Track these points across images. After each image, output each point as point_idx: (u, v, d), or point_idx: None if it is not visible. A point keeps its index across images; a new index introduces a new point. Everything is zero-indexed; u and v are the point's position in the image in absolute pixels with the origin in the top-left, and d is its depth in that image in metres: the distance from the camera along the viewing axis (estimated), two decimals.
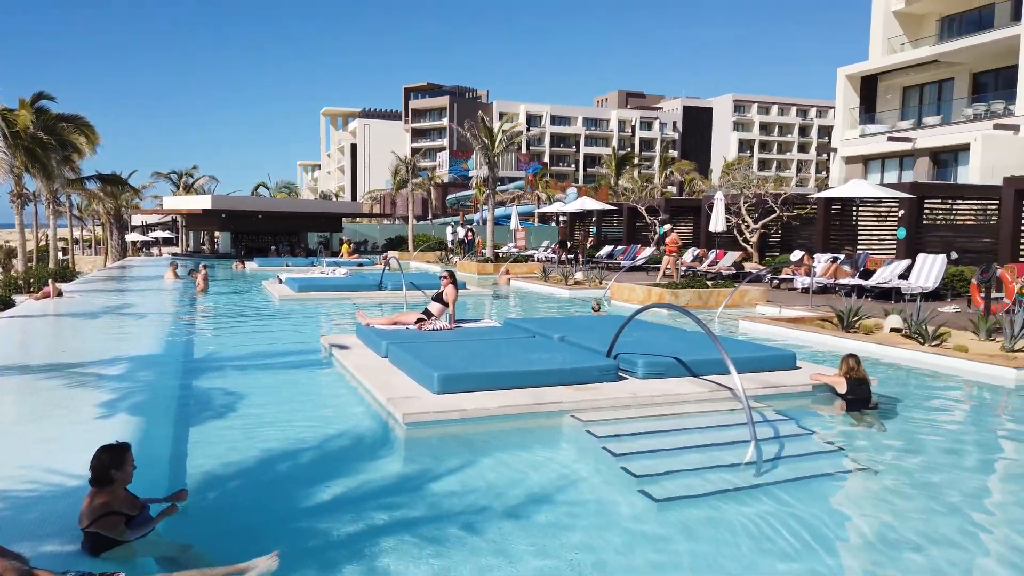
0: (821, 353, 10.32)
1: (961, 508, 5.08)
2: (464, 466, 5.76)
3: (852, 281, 17.13)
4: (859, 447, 6.43)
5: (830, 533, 4.68)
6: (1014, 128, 27.31)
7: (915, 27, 33.86)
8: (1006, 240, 16.11)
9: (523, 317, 13.75)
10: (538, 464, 5.87)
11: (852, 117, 35.26)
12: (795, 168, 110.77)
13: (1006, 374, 8.56)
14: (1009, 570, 4.22)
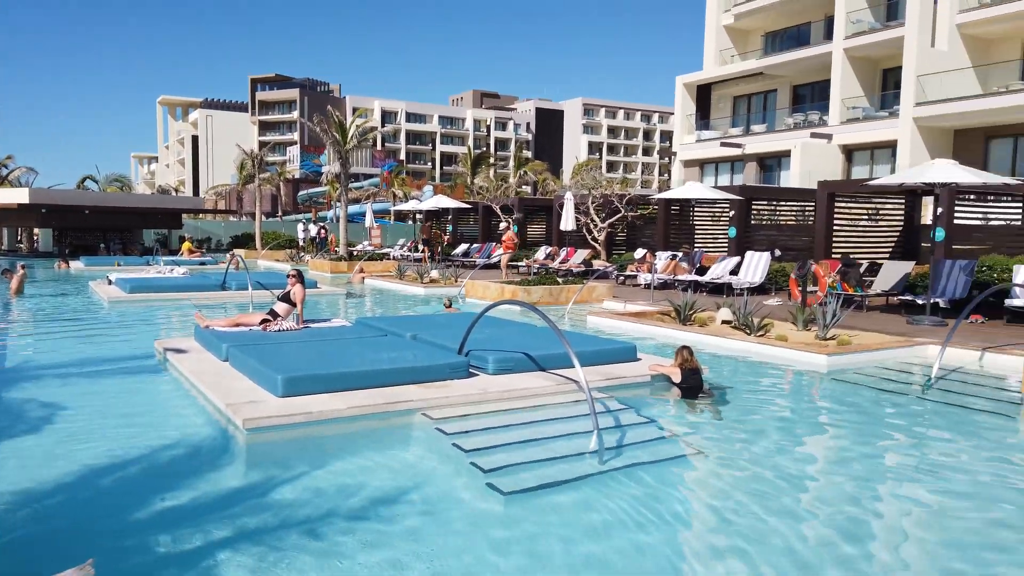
0: (661, 345, 10.92)
1: (784, 484, 5.56)
2: (310, 471, 5.60)
3: (689, 277, 18.25)
4: (692, 432, 6.86)
5: (668, 514, 4.96)
6: (827, 137, 30.21)
7: (743, 41, 36.62)
8: (820, 238, 17.78)
9: (376, 316, 13.54)
10: (387, 464, 5.81)
11: (689, 123, 37.59)
12: (640, 170, 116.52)
13: (819, 360, 9.44)
14: (827, 542, 4.66)
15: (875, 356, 9.82)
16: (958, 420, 7.37)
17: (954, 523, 4.94)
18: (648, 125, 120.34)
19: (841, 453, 6.69)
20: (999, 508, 5.17)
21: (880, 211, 19.64)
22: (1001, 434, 7.05)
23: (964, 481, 5.75)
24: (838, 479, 5.88)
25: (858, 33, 29.35)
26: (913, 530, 4.92)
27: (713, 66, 36.39)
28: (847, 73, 29.88)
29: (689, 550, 4.54)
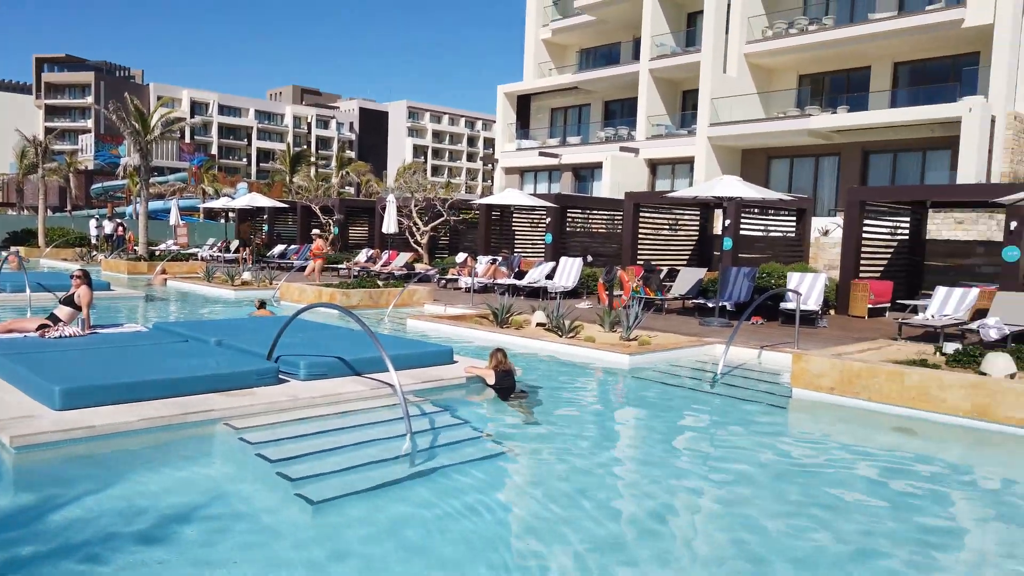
0: (479, 347, 11.12)
1: (590, 478, 5.86)
2: (94, 491, 5.10)
3: (508, 281, 18.76)
4: (505, 432, 7.05)
5: (479, 512, 5.06)
6: (635, 151, 32.33)
7: (560, 55, 38.29)
8: (626, 246, 19.00)
9: (177, 321, 12.63)
10: (183, 480, 5.44)
11: (510, 132, 38.67)
12: (464, 175, 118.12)
13: (622, 360, 10.07)
14: (629, 530, 4.96)
15: (671, 355, 10.64)
16: (739, 412, 8.17)
17: (741, 505, 5.47)
18: (472, 131, 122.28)
19: (641, 446, 7.19)
20: (776, 488, 5.80)
21: (679, 221, 21.33)
22: (773, 424, 7.91)
23: (745, 465, 6.38)
24: (639, 470, 6.31)
25: (661, 56, 31.70)
26: (707, 514, 5.38)
27: (532, 78, 37.72)
28: (652, 92, 32.16)
29: (500, 548, 4.66)
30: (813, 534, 4.88)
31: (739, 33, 29.25)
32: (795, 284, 14.37)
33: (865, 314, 14.95)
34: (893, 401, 7.65)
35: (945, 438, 7.17)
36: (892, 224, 17.08)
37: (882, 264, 16.71)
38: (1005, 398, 6.95)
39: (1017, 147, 23.63)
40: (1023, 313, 11.56)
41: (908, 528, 5.05)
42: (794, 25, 28.51)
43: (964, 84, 25.00)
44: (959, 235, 18.97)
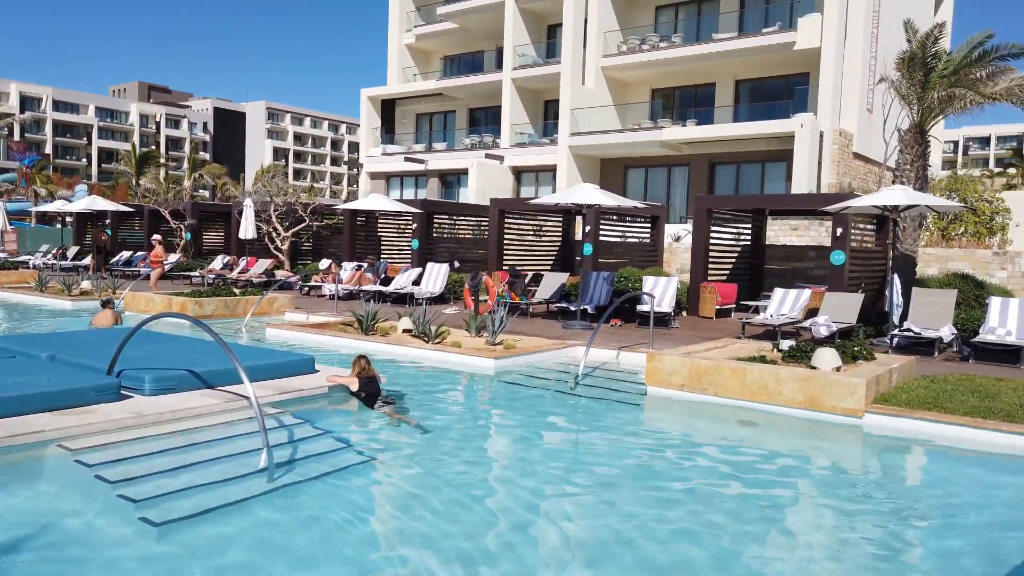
0: (343, 355, 10.88)
1: (457, 482, 5.87)
2: None
3: (374, 287, 18.48)
4: (370, 440, 6.94)
5: (342, 523, 4.95)
6: (500, 158, 32.81)
7: (424, 61, 38.26)
8: (492, 251, 19.25)
9: (2, 335, 11.51)
10: (8, 509, 4.96)
11: (375, 136, 38.17)
12: (329, 180, 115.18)
13: (488, 364, 10.18)
14: (495, 533, 5.01)
15: (535, 358, 10.88)
16: (599, 411, 8.48)
17: (604, 499, 5.67)
18: (336, 135, 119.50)
19: (506, 448, 7.30)
20: (634, 481, 6.06)
21: (543, 228, 21.86)
22: (630, 420, 8.27)
23: (605, 461, 6.63)
24: (505, 472, 6.41)
25: (524, 66, 32.40)
26: (571, 510, 5.54)
27: (397, 83, 37.43)
28: (515, 101, 32.79)
29: (365, 560, 4.58)
30: (670, 522, 5.15)
31: (596, 47, 30.42)
32: (650, 287, 15.10)
33: (713, 315, 15.95)
34: (736, 395, 8.22)
35: (782, 427, 7.78)
36: (736, 230, 18.33)
37: (728, 268, 17.89)
38: (831, 388, 7.65)
39: (842, 160, 26.06)
40: (848, 311, 12.76)
41: (750, 508, 5.44)
42: (646, 41, 30.01)
43: (797, 102, 27.28)
44: (794, 240, 20.66)
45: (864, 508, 5.64)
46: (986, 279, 16.10)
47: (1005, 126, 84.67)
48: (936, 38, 14.50)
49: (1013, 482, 6.32)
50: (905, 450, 7.17)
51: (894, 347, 11.63)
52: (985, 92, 13.98)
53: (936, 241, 19.66)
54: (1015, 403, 7.56)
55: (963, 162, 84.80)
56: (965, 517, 5.50)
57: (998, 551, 4.76)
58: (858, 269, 14.77)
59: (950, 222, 20.10)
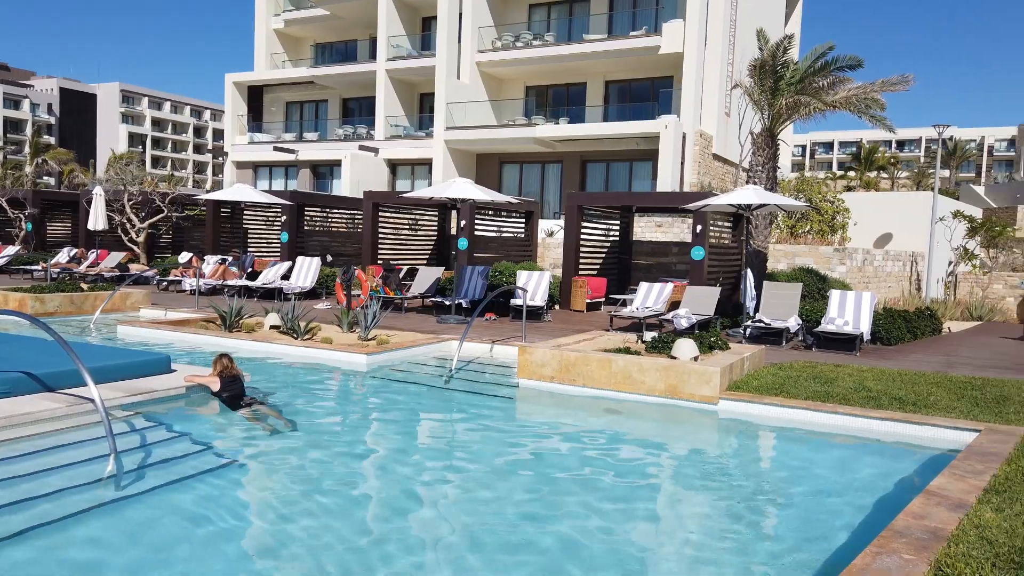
0: (205, 354, 10.35)
1: (327, 483, 5.72)
2: None
3: (240, 282, 17.70)
4: (234, 442, 6.65)
5: (204, 528, 4.71)
6: (375, 151, 32.25)
7: (294, 48, 36.96)
8: (367, 245, 18.90)
9: None
10: None
11: (242, 124, 36.50)
12: (192, 168, 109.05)
13: (360, 360, 10.00)
14: (369, 533, 4.92)
15: (409, 352, 10.79)
16: (472, 404, 8.52)
17: (479, 488, 5.70)
18: (200, 121, 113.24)
19: (378, 445, 7.20)
20: (507, 472, 6.13)
21: (419, 222, 21.71)
22: (502, 413, 8.38)
23: (479, 453, 6.68)
24: (377, 469, 6.32)
25: (398, 57, 31.99)
26: (448, 501, 5.53)
27: (265, 69, 35.94)
28: (390, 93, 32.33)
29: (224, 561, 4.38)
30: (541, 509, 5.27)
31: (471, 42, 30.49)
32: (523, 282, 15.34)
33: (584, 308, 16.43)
34: (603, 385, 8.51)
35: (645, 415, 8.13)
36: (606, 226, 18.96)
37: (598, 262, 18.49)
38: (689, 377, 8.07)
39: (702, 161, 27.53)
40: (707, 304, 13.51)
41: (615, 491, 5.65)
42: (520, 39, 30.40)
43: (662, 104, 28.52)
44: (659, 236, 21.63)
45: (718, 485, 6.00)
46: (828, 273, 17.53)
47: (846, 132, 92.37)
48: (785, 48, 15.56)
49: (846, 457, 6.93)
50: (755, 433, 7.69)
51: (747, 337, 12.43)
52: (826, 100, 15.15)
53: (785, 238, 21.17)
54: (850, 387, 8.28)
55: (810, 165, 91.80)
56: (805, 490, 5.97)
57: (831, 518, 5.20)
58: (716, 264, 15.66)
59: (797, 220, 21.70)
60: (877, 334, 12.65)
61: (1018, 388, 8.60)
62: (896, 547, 3.93)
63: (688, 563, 4.56)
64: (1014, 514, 4.44)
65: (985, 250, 26.51)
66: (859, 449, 7.06)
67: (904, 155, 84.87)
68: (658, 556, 4.69)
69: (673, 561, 4.60)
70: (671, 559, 4.64)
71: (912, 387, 8.40)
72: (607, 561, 4.50)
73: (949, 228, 23.65)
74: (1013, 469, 5.39)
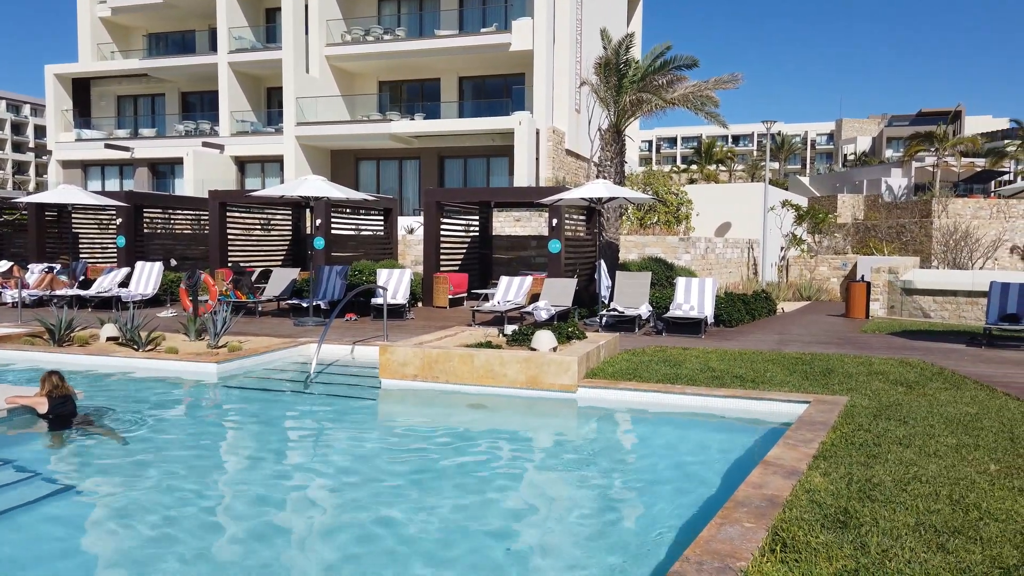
0: (30, 372, 9.42)
1: (171, 502, 5.35)
2: None
3: (71, 292, 16.24)
4: (65, 467, 6.11)
5: (41, 561, 4.28)
6: (220, 147, 30.59)
7: (124, 38, 34.31)
8: (214, 247, 17.90)
9: None
10: None
11: (67, 120, 33.48)
12: (12, 168, 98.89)
13: (210, 369, 9.46)
14: (237, 542, 4.65)
15: (264, 359, 10.33)
16: (333, 408, 8.31)
17: (342, 494, 5.54)
18: (18, 117, 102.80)
19: (235, 458, 6.85)
20: (372, 473, 6.01)
21: (272, 221, 20.84)
22: (365, 415, 8.23)
23: (343, 458, 6.50)
24: (235, 485, 5.99)
25: (241, 50, 30.48)
26: (309, 510, 5.33)
27: (91, 60, 33.10)
28: (234, 87, 30.76)
29: None
30: (413, 509, 5.21)
31: (319, 35, 29.60)
32: (383, 280, 15.12)
33: (447, 304, 16.44)
34: (466, 381, 8.55)
35: (508, 407, 8.26)
36: (465, 222, 19.05)
37: (459, 258, 18.55)
38: (549, 368, 8.28)
39: (556, 156, 28.27)
40: (565, 295, 13.90)
41: (480, 484, 5.70)
42: (370, 33, 29.86)
43: (515, 100, 29.00)
44: (518, 231, 22.00)
45: (579, 469, 6.20)
46: (675, 262, 18.56)
47: (688, 128, 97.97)
48: (628, 47, 16.27)
49: (695, 435, 7.37)
50: (612, 417, 8.01)
51: (603, 326, 12.92)
52: (666, 97, 16.00)
53: (635, 229, 22.19)
54: (696, 369, 8.80)
55: (656, 159, 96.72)
56: (659, 468, 6.30)
57: (683, 495, 5.52)
58: (572, 256, 16.15)
59: (646, 212, 22.79)
60: (720, 317, 13.53)
61: (841, 361, 9.49)
62: (738, 516, 4.22)
63: (549, 548, 4.67)
64: (839, 477, 4.90)
65: (811, 235, 29.04)
66: (706, 426, 7.53)
67: (739, 149, 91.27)
68: (522, 544, 4.78)
69: (535, 547, 4.70)
70: (535, 545, 4.74)
71: (751, 365, 9.06)
72: (468, 556, 4.53)
73: (779, 216, 25.68)
74: (838, 436, 5.94)
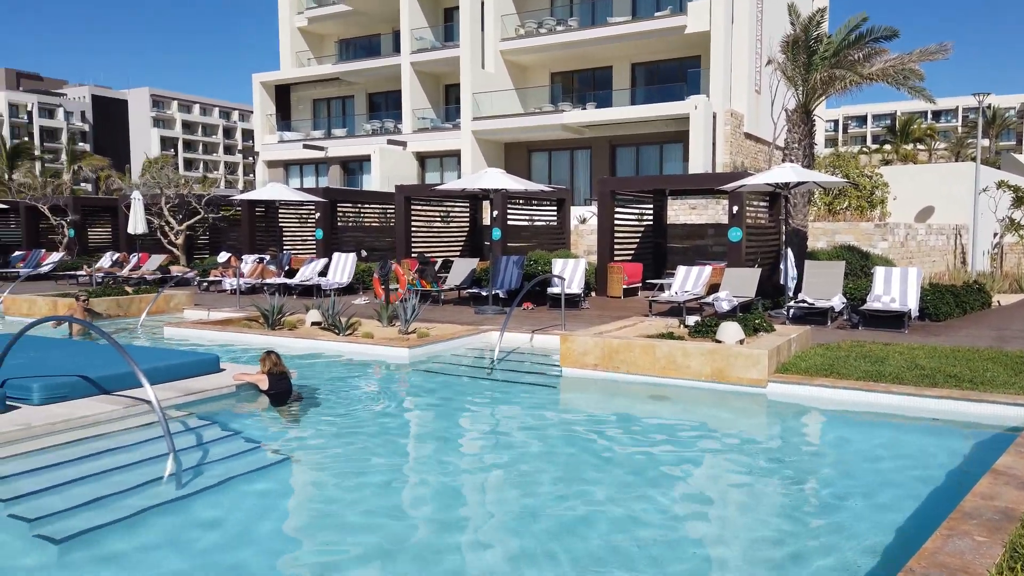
0: (251, 352, 10.49)
1: (378, 477, 5.77)
2: None
3: (278, 280, 17.90)
4: (284, 439, 6.73)
5: (260, 526, 4.78)
6: (403, 144, 32.34)
7: (318, 45, 37.14)
8: (400, 239, 18.97)
9: None
10: None
11: (270, 123, 36.83)
12: (223, 169, 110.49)
13: (402, 353, 10.05)
14: (426, 526, 4.95)
15: (450, 345, 10.82)
16: (517, 394, 8.53)
17: (531, 479, 5.70)
18: (228, 122, 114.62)
19: (427, 437, 7.24)
20: (557, 460, 6.12)
21: (451, 213, 21.73)
22: (548, 402, 8.36)
23: (528, 442, 6.67)
24: (427, 462, 6.35)
25: (422, 50, 31.96)
26: (499, 492, 5.54)
27: (291, 67, 36.18)
28: (415, 86, 32.34)
29: (286, 561, 4.43)
30: (593, 498, 5.24)
31: (494, 30, 30.34)
32: (559, 270, 15.28)
33: (621, 294, 16.32)
34: (647, 371, 8.44)
35: (691, 400, 8.06)
36: (639, 211, 18.78)
37: (633, 247, 18.33)
38: (736, 361, 7.97)
39: (734, 140, 27.12)
40: (747, 286, 13.32)
41: (664, 478, 5.61)
42: (543, 25, 30.17)
43: (690, 84, 28.13)
44: (693, 219, 21.37)
45: (772, 469, 5.92)
46: (870, 250, 17.18)
47: (879, 105, 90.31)
48: (818, 22, 15.23)
49: (903, 438, 6.79)
50: (807, 415, 7.57)
51: (790, 318, 12.24)
52: (863, 72, 14.80)
53: (823, 216, 20.78)
54: (902, 366, 8.10)
55: (843, 140, 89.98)
56: (865, 472, 5.86)
57: (895, 501, 5.10)
58: (754, 245, 15.42)
59: (835, 197, 21.27)
60: (925, 310, 12.36)
61: None
62: (967, 529, 3.83)
63: (749, 552, 4.50)
64: None
65: None
66: (916, 429, 6.92)
67: (941, 125, 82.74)
68: (717, 547, 4.64)
69: (734, 551, 4.55)
70: (730, 548, 4.58)
71: (967, 364, 8.20)
72: (663, 552, 4.46)
73: (994, 199, 23.00)
74: None
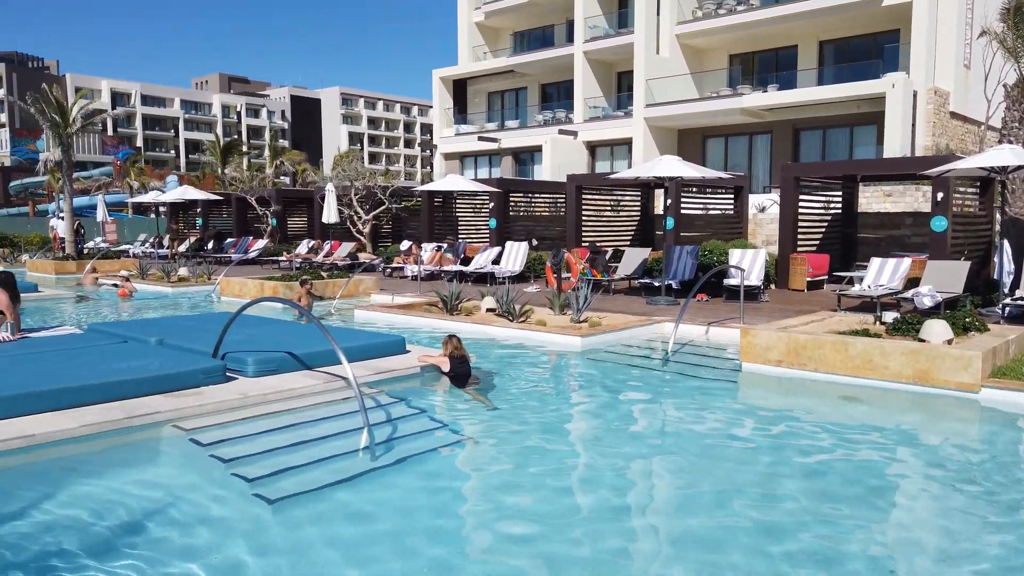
0: (430, 335, 11.02)
1: (552, 461, 5.86)
2: (38, 502, 4.85)
3: (455, 268, 18.64)
4: (464, 420, 7.00)
5: (444, 502, 5.01)
6: (574, 134, 32.44)
7: (494, 39, 38.06)
8: (571, 228, 19.08)
9: (113, 321, 12.14)
10: (135, 486, 5.22)
11: (448, 117, 38.33)
12: (403, 162, 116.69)
13: (575, 342, 10.11)
14: (601, 511, 4.98)
15: (622, 335, 10.73)
16: (693, 387, 8.30)
17: (697, 474, 5.55)
18: (408, 117, 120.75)
19: (600, 426, 7.23)
20: (736, 459, 5.91)
21: (621, 202, 21.53)
22: (727, 397, 8.07)
23: (705, 438, 6.48)
24: (599, 450, 6.35)
25: (595, 38, 31.81)
26: (672, 490, 5.45)
27: (467, 62, 37.40)
28: (587, 75, 32.28)
29: (467, 536, 4.62)
30: (775, 503, 4.99)
31: (670, 14, 29.56)
32: (737, 260, 14.66)
33: (804, 287, 15.39)
34: (838, 371, 7.89)
35: (890, 403, 7.43)
36: (825, 199, 17.59)
37: (818, 238, 17.21)
38: (944, 362, 7.24)
39: (938, 121, 24.61)
40: (953, 280, 12.07)
41: (860, 490, 5.21)
42: (722, 6, 28.96)
43: (886, 61, 25.85)
44: (888, 207, 19.67)
45: (990, 487, 5.32)
46: None
47: None
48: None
49: None
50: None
51: (1006, 317, 10.95)
52: None
53: None
54: None
55: None
56: None
57: None
58: (960, 235, 13.95)
59: None
60: None
61: None
62: None
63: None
64: None
65: None
66: None
67: None
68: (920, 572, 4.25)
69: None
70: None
71: None
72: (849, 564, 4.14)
73: None
74: None
